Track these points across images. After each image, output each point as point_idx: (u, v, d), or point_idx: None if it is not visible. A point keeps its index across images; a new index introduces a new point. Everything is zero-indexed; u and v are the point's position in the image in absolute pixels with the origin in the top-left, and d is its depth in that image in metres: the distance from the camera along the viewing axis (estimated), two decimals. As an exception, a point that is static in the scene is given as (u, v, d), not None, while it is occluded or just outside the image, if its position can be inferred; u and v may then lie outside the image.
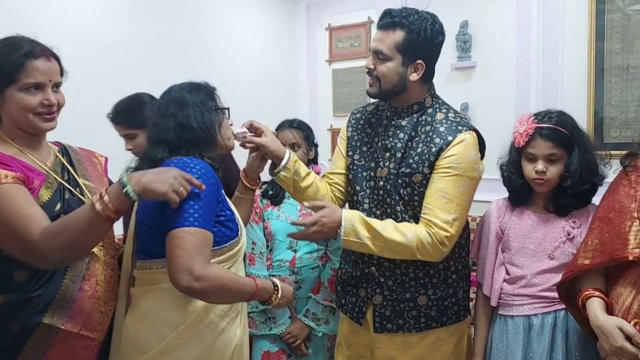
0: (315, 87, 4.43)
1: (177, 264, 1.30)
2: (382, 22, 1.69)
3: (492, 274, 1.79)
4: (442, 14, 3.89)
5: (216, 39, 3.64)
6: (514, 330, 1.72)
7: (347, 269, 1.88)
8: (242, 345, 1.54)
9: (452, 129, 1.66)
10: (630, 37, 3.13)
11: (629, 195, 1.48)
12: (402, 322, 1.77)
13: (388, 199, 1.72)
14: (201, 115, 1.49)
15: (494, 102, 3.55)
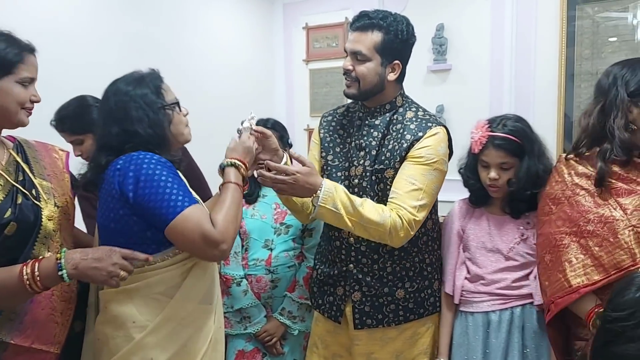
0: (292, 87, 4.43)
1: (199, 249, 1.36)
2: (358, 24, 1.71)
3: (454, 272, 1.85)
4: (418, 17, 3.95)
5: (192, 36, 3.62)
6: (474, 326, 1.78)
7: (322, 268, 1.88)
8: (216, 342, 1.53)
9: (422, 125, 1.72)
10: (599, 44, 3.22)
11: (601, 204, 1.50)
12: (381, 317, 1.80)
13: (364, 195, 1.75)
14: (147, 118, 1.43)
15: (468, 104, 3.61)
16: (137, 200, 1.35)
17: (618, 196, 1.48)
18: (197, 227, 1.33)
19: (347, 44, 1.73)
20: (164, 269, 1.41)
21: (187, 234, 1.34)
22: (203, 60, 3.67)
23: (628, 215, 1.45)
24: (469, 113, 3.51)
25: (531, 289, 1.75)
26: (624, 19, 3.15)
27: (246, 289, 2.12)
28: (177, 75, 3.18)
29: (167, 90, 1.52)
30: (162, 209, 1.34)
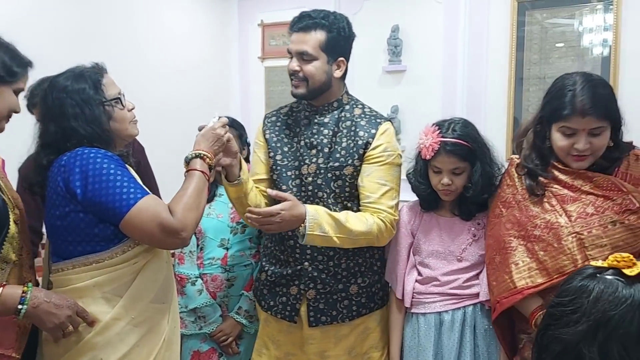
0: (247, 85, 4.39)
1: (158, 240, 1.35)
2: (300, 24, 1.74)
3: (403, 277, 1.85)
4: (374, 18, 4.02)
5: (144, 30, 3.52)
6: (426, 327, 1.80)
7: (274, 270, 1.87)
8: (170, 342, 1.51)
9: (372, 122, 1.79)
10: (547, 49, 3.33)
11: (548, 210, 1.55)
12: (335, 313, 1.82)
13: (319, 193, 1.77)
14: (84, 115, 1.40)
15: (422, 106, 3.66)
16: (87, 196, 1.33)
17: (564, 203, 1.54)
18: (153, 217, 1.32)
19: (291, 46, 1.76)
20: (113, 267, 1.38)
21: (144, 225, 1.33)
22: (154, 55, 3.58)
23: (572, 222, 1.51)
24: (422, 114, 3.57)
25: (480, 288, 1.79)
26: (571, 25, 3.27)
27: (201, 288, 2.10)
28: (127, 70, 3.11)
29: (108, 84, 1.47)
30: (114, 203, 1.32)
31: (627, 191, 1.48)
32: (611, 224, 1.47)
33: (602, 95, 1.48)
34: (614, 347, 0.75)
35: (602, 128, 1.48)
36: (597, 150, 1.50)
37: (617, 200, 1.49)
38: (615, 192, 1.49)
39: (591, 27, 3.22)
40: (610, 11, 3.14)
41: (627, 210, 1.47)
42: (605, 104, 1.47)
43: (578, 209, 1.52)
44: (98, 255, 1.37)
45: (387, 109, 3.75)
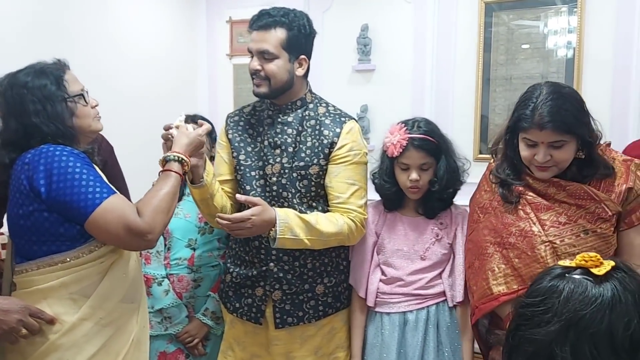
0: (215, 82, 4.33)
1: (123, 241, 1.34)
2: (260, 22, 1.72)
3: (367, 276, 1.87)
4: (344, 16, 4.02)
5: (106, 24, 3.42)
6: (390, 326, 1.82)
7: (239, 271, 1.85)
8: (139, 343, 1.49)
9: (337, 121, 1.78)
10: (514, 50, 3.39)
11: (523, 218, 1.56)
12: (301, 314, 1.81)
13: (284, 193, 1.76)
14: (45, 111, 1.37)
15: (391, 105, 3.68)
16: (52, 195, 1.30)
17: (538, 211, 1.55)
18: (119, 218, 1.30)
19: (252, 45, 1.74)
20: (79, 267, 1.35)
21: (109, 226, 1.31)
22: (120, 52, 3.50)
23: (545, 231, 1.52)
24: (391, 113, 3.57)
25: (443, 287, 1.83)
26: (536, 27, 3.33)
27: (167, 288, 2.07)
28: (92, 66, 3.03)
29: (70, 81, 1.45)
30: (79, 202, 1.30)
31: (600, 199, 1.49)
32: (583, 233, 1.48)
33: (562, 110, 1.45)
34: (586, 346, 0.76)
35: (562, 142, 1.46)
36: (560, 163, 1.50)
37: (590, 208, 1.49)
38: (588, 201, 1.50)
39: (556, 29, 3.28)
40: (574, 14, 3.21)
41: (600, 218, 1.48)
42: (564, 119, 1.44)
43: (551, 217, 1.53)
44: (63, 255, 1.34)
45: (356, 108, 3.76)
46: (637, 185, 1.51)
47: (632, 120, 3.11)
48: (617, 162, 1.55)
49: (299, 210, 1.75)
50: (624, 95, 3.13)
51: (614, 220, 1.49)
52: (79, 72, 1.52)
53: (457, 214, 1.86)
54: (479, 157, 3.45)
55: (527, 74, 3.35)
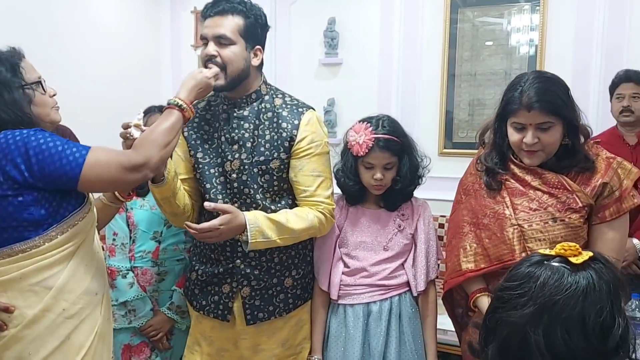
0: (179, 73, 4.26)
1: (122, 182, 1.38)
2: (217, 8, 1.67)
3: (329, 269, 1.88)
4: (311, 10, 4.00)
5: (64, 15, 3.31)
6: (354, 317, 1.83)
7: (204, 269, 1.82)
8: (103, 335, 1.46)
9: (295, 112, 1.75)
10: (478, 46, 3.44)
11: (499, 202, 1.62)
12: (272, 309, 1.80)
13: (246, 189, 1.73)
14: (2, 99, 1.35)
15: (358, 99, 3.69)
16: (35, 173, 1.29)
17: (513, 196, 1.60)
18: (109, 163, 1.33)
19: (206, 30, 1.68)
20: (40, 257, 1.32)
21: (103, 176, 1.33)
22: (78, 43, 3.39)
23: (516, 214, 1.57)
24: (358, 107, 3.60)
25: (406, 277, 1.87)
26: (500, 24, 3.39)
27: (132, 281, 2.04)
28: (51, 56, 2.93)
29: (27, 68, 1.42)
30: (65, 168, 1.29)
31: (572, 190, 1.53)
32: (552, 220, 1.53)
33: (549, 91, 1.50)
34: (558, 330, 0.80)
35: (550, 123, 1.50)
36: (547, 146, 1.53)
37: (562, 198, 1.53)
38: (561, 190, 1.54)
39: (519, 26, 3.35)
40: (536, 12, 3.28)
41: (570, 208, 1.52)
42: (551, 99, 1.49)
43: (524, 202, 1.57)
44: (24, 243, 1.31)
45: (323, 102, 3.76)
46: (614, 181, 1.53)
47: (591, 117, 3.20)
48: (600, 159, 1.57)
49: (263, 205, 1.73)
50: (584, 93, 3.21)
51: (584, 212, 1.53)
52: (39, 63, 1.49)
53: (417, 206, 1.91)
54: (444, 151, 3.50)
55: (491, 70, 3.41)
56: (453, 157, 3.38)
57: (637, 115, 2.52)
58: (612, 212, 1.53)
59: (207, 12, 1.69)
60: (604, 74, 3.07)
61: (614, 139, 2.60)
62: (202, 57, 1.69)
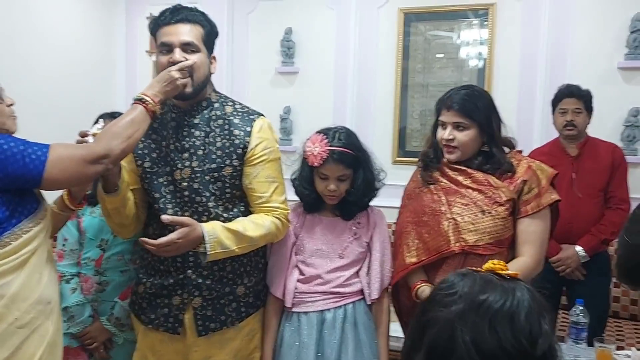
0: (134, 79, 4.20)
1: (85, 175, 1.39)
2: (178, 17, 1.67)
3: (284, 277, 1.88)
4: (268, 19, 4.03)
5: (13, 19, 3.23)
6: (308, 325, 1.83)
7: (152, 281, 1.78)
8: (54, 345, 1.42)
9: (246, 119, 1.75)
10: (430, 59, 3.55)
11: (436, 200, 1.82)
12: (224, 318, 1.76)
13: (197, 197, 1.70)
14: None
15: (314, 107, 3.74)
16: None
17: (448, 194, 1.81)
18: (71, 158, 1.34)
19: (170, 37, 1.65)
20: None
21: (66, 171, 1.34)
22: (29, 47, 3.31)
23: (450, 209, 1.78)
24: (314, 115, 3.66)
25: (361, 285, 1.88)
26: (450, 37, 3.51)
27: (75, 287, 1.99)
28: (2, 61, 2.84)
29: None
30: (26, 168, 1.29)
31: (497, 186, 1.75)
32: (481, 213, 1.74)
33: (470, 97, 1.77)
34: (486, 326, 0.80)
35: (465, 124, 1.75)
36: (462, 145, 1.77)
37: (488, 193, 1.75)
38: (488, 187, 1.76)
39: (468, 40, 3.47)
40: (485, 27, 3.41)
41: (496, 202, 1.74)
42: (469, 104, 1.75)
43: (457, 199, 1.79)
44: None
45: (279, 110, 3.78)
46: (532, 179, 1.76)
47: (536, 128, 3.35)
48: (522, 163, 1.80)
49: (215, 213, 1.71)
50: (530, 105, 3.36)
51: (508, 206, 1.73)
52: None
53: (373, 215, 1.93)
54: (397, 159, 3.58)
55: (442, 82, 3.51)
56: (406, 165, 3.45)
57: (579, 129, 2.63)
58: (533, 207, 1.74)
59: (166, 19, 1.67)
60: (548, 86, 3.21)
61: (557, 150, 2.72)
62: (163, 64, 1.65)
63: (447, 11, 3.48)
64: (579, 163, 2.65)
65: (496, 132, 1.78)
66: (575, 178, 2.63)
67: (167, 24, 1.66)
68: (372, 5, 3.63)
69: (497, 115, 1.80)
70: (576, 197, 2.61)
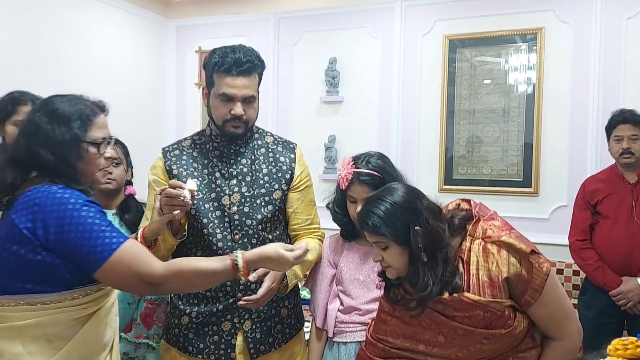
0: (183, 111, 4.33)
1: (132, 289, 1.41)
2: (242, 67, 1.70)
3: (325, 306, 1.89)
4: (313, 49, 4.09)
5: (73, 52, 3.41)
6: (347, 355, 1.82)
7: (198, 310, 1.77)
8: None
9: (288, 147, 1.89)
10: (476, 85, 3.50)
11: (426, 328, 1.49)
12: (272, 340, 1.79)
13: (248, 220, 1.75)
14: (53, 148, 1.32)
15: (359, 136, 3.74)
16: (62, 245, 1.26)
17: (439, 325, 1.48)
18: (130, 268, 1.28)
19: (233, 90, 1.70)
20: (58, 310, 1.30)
21: (119, 277, 1.29)
22: (85, 79, 3.47)
23: (449, 342, 1.47)
24: (359, 144, 3.64)
25: None
26: (497, 63, 3.45)
27: None
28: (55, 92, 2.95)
29: (97, 126, 1.40)
30: (89, 255, 1.26)
31: (483, 305, 1.39)
32: (485, 339, 1.42)
33: (371, 212, 1.46)
34: None
35: (382, 243, 1.46)
36: (392, 264, 1.47)
37: (479, 316, 1.41)
38: (475, 310, 1.40)
39: (516, 65, 3.41)
40: (533, 51, 3.35)
41: (492, 322, 1.41)
42: (372, 222, 1.44)
43: (451, 331, 1.45)
44: (46, 296, 1.29)
45: (324, 138, 3.80)
46: (512, 270, 1.40)
47: (589, 154, 3.23)
48: (489, 245, 1.43)
49: (263, 236, 1.75)
50: (582, 129, 3.25)
51: (507, 313, 1.40)
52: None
53: None
54: (444, 188, 3.52)
55: (489, 108, 3.46)
56: (453, 193, 3.39)
57: (637, 156, 2.53)
58: (531, 295, 1.41)
59: (230, 69, 1.69)
60: (601, 111, 3.12)
61: (614, 177, 2.61)
62: (223, 115, 1.71)
63: (494, 37, 3.44)
64: (639, 190, 2.53)
65: (416, 236, 1.41)
66: (635, 206, 2.51)
67: (229, 73, 1.70)
68: (417, 33, 3.63)
69: (414, 211, 1.44)
70: (637, 225, 2.49)
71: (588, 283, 2.65)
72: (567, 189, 3.25)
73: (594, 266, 2.57)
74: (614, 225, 2.54)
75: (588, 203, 2.63)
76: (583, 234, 2.64)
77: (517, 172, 3.42)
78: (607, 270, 2.54)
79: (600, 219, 2.60)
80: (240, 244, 1.73)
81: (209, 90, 1.76)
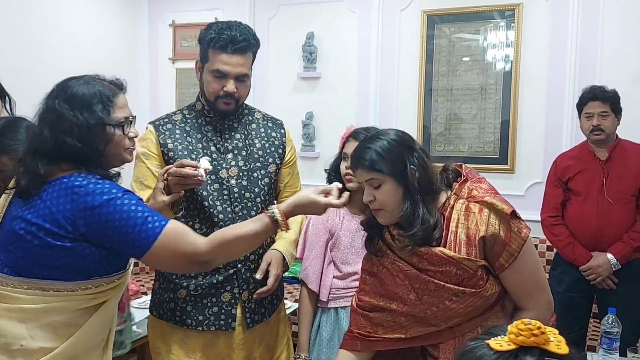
0: (156, 86, 4.25)
1: (181, 269, 1.49)
2: (237, 46, 1.70)
3: (321, 272, 1.95)
4: (289, 24, 4.02)
5: (43, 26, 3.30)
6: (347, 319, 1.83)
7: (196, 282, 1.77)
8: None
9: (277, 123, 1.94)
10: (454, 62, 3.49)
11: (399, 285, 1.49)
12: (263, 310, 1.83)
13: (247, 193, 1.79)
14: (79, 135, 1.29)
15: (337, 112, 3.71)
16: (102, 233, 1.26)
17: (411, 280, 1.49)
18: (176, 249, 1.31)
19: (227, 67, 1.70)
20: (68, 298, 1.29)
21: (166, 258, 1.31)
22: (56, 53, 3.38)
23: (421, 300, 1.47)
24: (336, 121, 3.63)
25: None
26: (476, 40, 3.44)
27: None
28: (27, 71, 2.89)
29: (118, 106, 1.37)
30: (134, 242, 1.27)
31: (457, 261, 1.38)
32: (455, 296, 1.40)
33: (366, 148, 1.42)
34: None
35: (376, 180, 1.41)
36: (385, 204, 1.41)
37: (452, 272, 1.39)
38: (447, 265, 1.39)
39: (494, 42, 3.41)
40: (512, 28, 3.35)
41: (464, 279, 1.40)
42: (370, 157, 1.40)
43: (422, 286, 1.44)
44: (60, 284, 1.28)
45: (301, 115, 3.76)
46: (490, 230, 1.38)
47: (565, 131, 3.27)
48: (472, 204, 1.42)
49: (261, 207, 1.78)
50: (558, 107, 3.28)
51: (480, 274, 1.39)
52: (15, 80, 1.42)
53: None
54: (421, 165, 3.53)
55: (467, 85, 3.46)
56: (430, 170, 3.41)
57: (607, 132, 2.54)
58: (506, 259, 1.39)
59: (225, 46, 1.70)
60: (578, 89, 3.12)
61: (585, 153, 2.63)
62: (216, 90, 1.72)
63: (472, 12, 3.42)
64: (609, 167, 2.56)
65: (410, 175, 1.39)
66: (605, 183, 2.54)
67: (224, 51, 1.71)
68: (395, 7, 3.59)
69: (410, 149, 1.42)
70: (607, 202, 2.52)
71: (559, 258, 2.69)
72: (542, 166, 3.28)
73: (565, 242, 2.61)
74: (584, 202, 2.57)
75: (560, 180, 2.66)
76: (555, 210, 2.67)
77: (493, 149, 3.44)
78: (577, 246, 2.58)
79: (572, 195, 2.63)
80: (241, 215, 1.75)
81: (202, 65, 1.78)
